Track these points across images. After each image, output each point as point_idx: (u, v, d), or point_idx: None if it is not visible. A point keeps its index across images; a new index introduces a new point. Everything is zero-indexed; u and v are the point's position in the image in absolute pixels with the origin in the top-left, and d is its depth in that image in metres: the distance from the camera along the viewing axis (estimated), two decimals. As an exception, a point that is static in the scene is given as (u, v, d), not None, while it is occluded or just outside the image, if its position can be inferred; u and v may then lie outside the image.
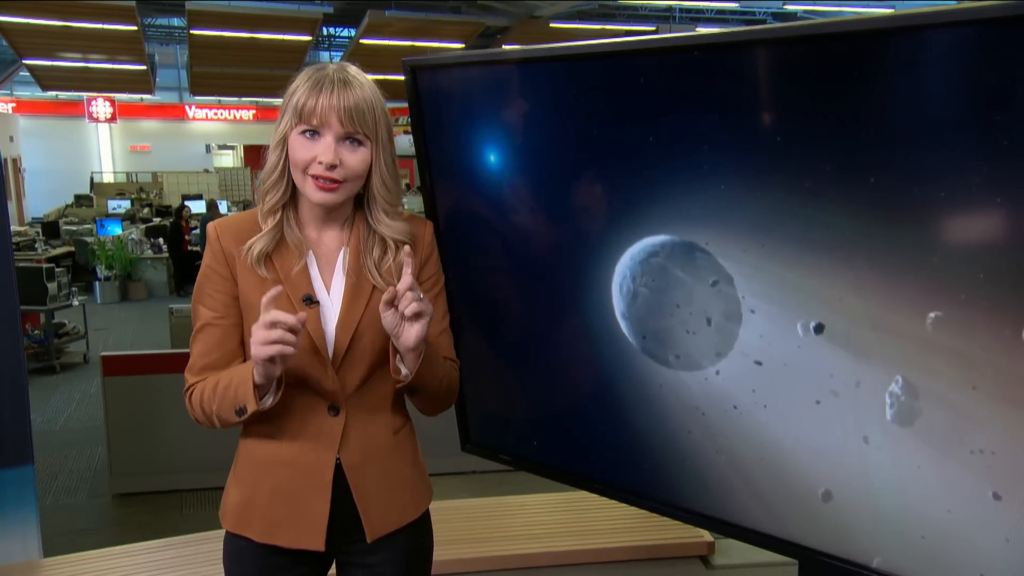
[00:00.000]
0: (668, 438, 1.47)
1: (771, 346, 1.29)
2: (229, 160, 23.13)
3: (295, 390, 1.40)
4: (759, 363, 1.32)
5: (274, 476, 1.42)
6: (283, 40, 12.70)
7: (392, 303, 1.32)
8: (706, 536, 2.98)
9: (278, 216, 1.40)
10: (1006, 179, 1.03)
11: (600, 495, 1.66)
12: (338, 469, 1.43)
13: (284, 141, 1.37)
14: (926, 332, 1.14)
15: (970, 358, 1.11)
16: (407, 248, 1.36)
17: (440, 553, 2.67)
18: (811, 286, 1.23)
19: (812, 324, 1.25)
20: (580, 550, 2.92)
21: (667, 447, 1.48)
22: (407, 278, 1.32)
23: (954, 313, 1.11)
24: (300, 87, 1.35)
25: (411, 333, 1.33)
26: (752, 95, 1.25)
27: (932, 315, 1.13)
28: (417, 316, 1.32)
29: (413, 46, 12.65)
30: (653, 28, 14.06)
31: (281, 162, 1.38)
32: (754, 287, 1.29)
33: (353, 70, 1.38)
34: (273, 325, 1.25)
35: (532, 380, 1.71)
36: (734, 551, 3.01)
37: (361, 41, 12.99)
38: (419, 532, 1.54)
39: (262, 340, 1.25)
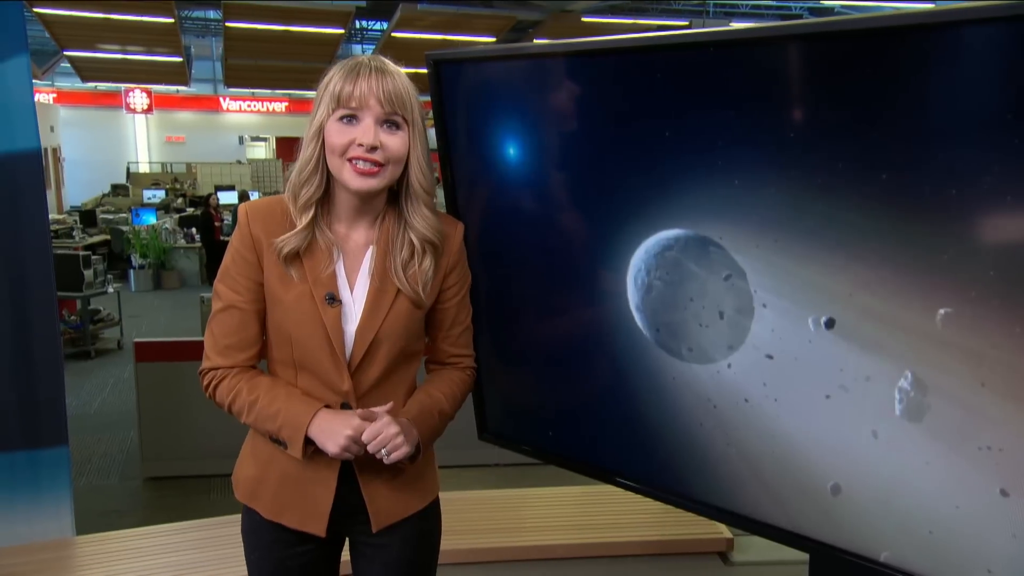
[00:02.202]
0: (680, 430, 1.49)
1: (782, 340, 1.31)
2: (261, 152, 23.41)
3: (309, 383, 1.43)
4: (770, 357, 1.33)
5: (284, 461, 1.45)
6: (316, 33, 12.79)
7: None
8: (725, 532, 2.98)
9: (311, 213, 1.38)
10: (1017, 177, 1.04)
11: (612, 485, 1.68)
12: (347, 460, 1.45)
13: (320, 131, 1.36)
14: (936, 328, 1.14)
15: (980, 355, 1.11)
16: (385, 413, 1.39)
17: (458, 543, 2.70)
18: (822, 281, 1.24)
19: (823, 319, 1.26)
20: (598, 543, 2.94)
21: (679, 439, 1.50)
22: (383, 420, 1.37)
23: (964, 310, 1.12)
24: (336, 76, 1.35)
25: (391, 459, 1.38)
26: (766, 92, 1.26)
27: (942, 312, 1.13)
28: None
29: (445, 40, 12.69)
30: (686, 23, 13.96)
31: (317, 153, 1.36)
32: (766, 282, 1.30)
33: (387, 60, 1.39)
34: (356, 442, 1.35)
35: (547, 371, 1.73)
36: (753, 548, 3.01)
37: (393, 35, 13.05)
38: (426, 518, 1.56)
39: (344, 446, 1.35)
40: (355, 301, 1.42)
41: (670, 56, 1.35)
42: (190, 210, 13.57)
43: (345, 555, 1.61)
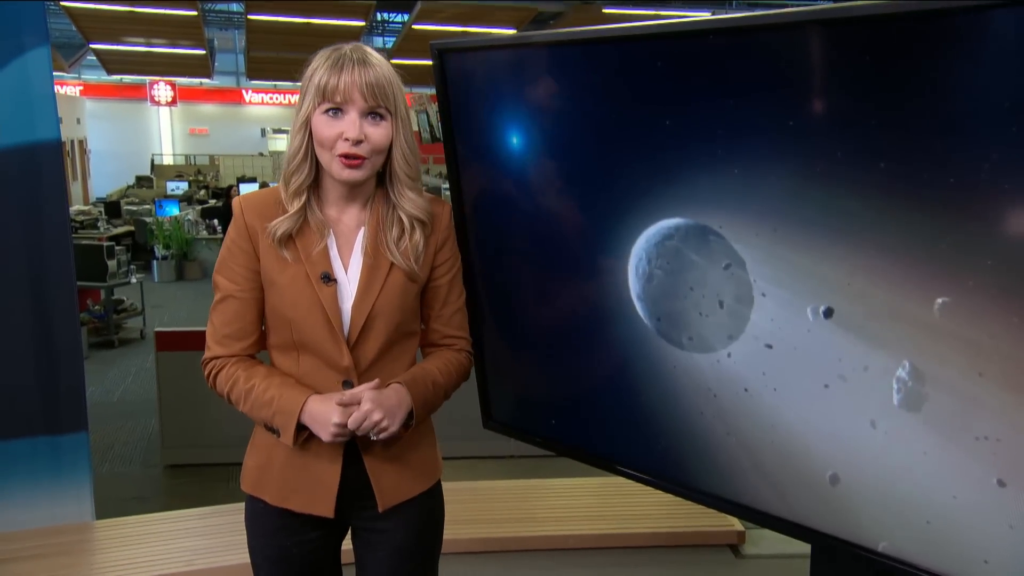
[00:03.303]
0: (680, 419, 1.49)
1: (781, 330, 1.31)
2: (283, 144, 23.47)
3: (310, 364, 1.46)
4: (769, 346, 1.33)
5: (285, 446, 1.46)
6: (337, 25, 12.86)
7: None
8: (736, 525, 2.99)
9: (303, 199, 1.44)
10: (1015, 166, 1.03)
11: (613, 473, 1.69)
12: (352, 440, 1.47)
13: (307, 123, 1.40)
14: (934, 318, 1.14)
15: (977, 345, 1.11)
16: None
17: (472, 532, 2.71)
18: (821, 271, 1.24)
19: (822, 308, 1.25)
20: (610, 534, 2.95)
21: (679, 428, 1.50)
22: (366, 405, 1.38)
23: (962, 300, 1.11)
24: (319, 68, 1.38)
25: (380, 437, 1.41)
26: (765, 79, 1.25)
27: (940, 301, 1.13)
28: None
29: (465, 32, 12.66)
30: (709, 13, 13.84)
31: (305, 144, 1.42)
32: (765, 271, 1.30)
33: (369, 49, 1.42)
34: (344, 426, 1.37)
35: (549, 360, 1.74)
36: (765, 541, 3.01)
37: (413, 27, 13.08)
38: (429, 500, 1.58)
39: (335, 433, 1.38)
40: (350, 280, 1.46)
41: (670, 44, 1.35)
42: (212, 202, 13.71)
43: (346, 545, 1.63)
